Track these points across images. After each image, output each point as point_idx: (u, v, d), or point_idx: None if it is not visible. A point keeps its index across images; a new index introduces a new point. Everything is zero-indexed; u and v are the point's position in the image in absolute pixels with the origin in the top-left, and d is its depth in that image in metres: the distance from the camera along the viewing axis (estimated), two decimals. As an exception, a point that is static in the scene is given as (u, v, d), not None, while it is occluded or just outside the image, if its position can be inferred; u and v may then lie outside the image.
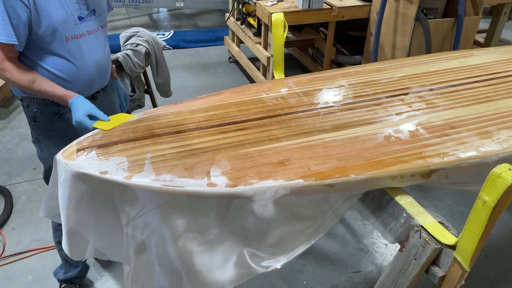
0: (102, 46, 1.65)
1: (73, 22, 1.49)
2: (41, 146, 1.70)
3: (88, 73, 1.59)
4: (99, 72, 1.65)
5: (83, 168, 1.19)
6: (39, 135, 1.68)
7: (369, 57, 3.25)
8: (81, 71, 1.57)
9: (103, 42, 1.66)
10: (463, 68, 1.96)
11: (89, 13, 1.55)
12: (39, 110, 1.60)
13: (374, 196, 1.34)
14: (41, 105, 1.58)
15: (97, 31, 1.61)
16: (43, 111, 1.60)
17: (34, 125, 1.65)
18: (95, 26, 1.59)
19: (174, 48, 4.85)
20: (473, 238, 1.05)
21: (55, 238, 1.91)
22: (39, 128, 1.65)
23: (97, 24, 1.61)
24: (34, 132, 1.70)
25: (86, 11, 1.54)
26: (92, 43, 1.59)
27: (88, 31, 1.56)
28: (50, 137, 1.67)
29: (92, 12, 1.56)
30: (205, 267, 1.22)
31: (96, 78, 1.65)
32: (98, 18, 1.60)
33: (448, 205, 2.61)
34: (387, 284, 1.30)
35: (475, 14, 2.90)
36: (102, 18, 1.64)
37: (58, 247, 1.92)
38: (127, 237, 1.22)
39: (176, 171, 1.20)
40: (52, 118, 1.62)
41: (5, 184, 2.67)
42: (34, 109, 1.60)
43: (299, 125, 1.46)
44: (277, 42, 1.94)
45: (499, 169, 0.97)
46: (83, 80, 1.59)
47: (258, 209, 1.17)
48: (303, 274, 2.14)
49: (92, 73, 1.61)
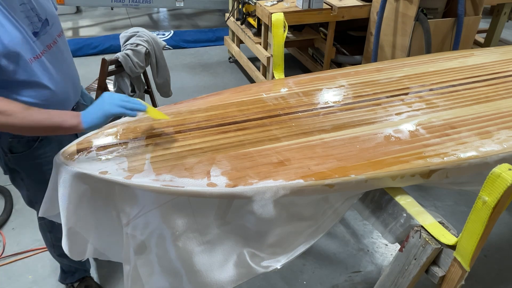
0: (65, 57, 1.48)
1: (30, 40, 1.30)
2: (21, 175, 1.52)
3: (62, 90, 1.43)
4: (71, 85, 1.50)
5: (83, 168, 1.19)
6: (17, 165, 1.48)
7: (369, 57, 3.25)
8: (55, 91, 1.40)
9: (65, 51, 1.49)
10: (463, 68, 1.96)
11: (42, 24, 1.35)
12: (15, 140, 1.40)
13: (374, 196, 1.34)
14: (16, 134, 1.37)
15: (56, 42, 1.43)
16: (20, 139, 1.41)
17: (11, 157, 1.44)
18: (52, 38, 1.41)
19: (174, 48, 4.85)
20: (473, 238, 1.05)
21: (55, 252, 1.85)
22: (16, 159, 1.45)
23: (54, 34, 1.42)
24: (9, 164, 1.48)
25: (39, 23, 1.34)
26: (56, 58, 1.41)
27: (48, 45, 1.38)
28: (32, 167, 1.48)
29: (45, 23, 1.37)
30: (205, 267, 1.22)
31: (71, 93, 1.49)
32: (53, 28, 1.41)
33: (448, 205, 2.61)
34: (387, 284, 1.30)
35: (475, 14, 2.89)
36: (57, 25, 1.44)
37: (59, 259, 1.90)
38: (127, 237, 1.22)
39: (176, 171, 1.20)
40: (31, 146, 1.43)
41: (5, 184, 2.67)
42: (9, 139, 1.39)
43: (299, 125, 1.46)
44: (277, 42, 1.94)
45: (499, 169, 0.97)
46: (60, 100, 1.42)
47: (258, 209, 1.17)
48: (303, 274, 2.14)
49: (66, 88, 1.46)
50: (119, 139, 1.34)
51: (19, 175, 1.52)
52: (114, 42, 4.64)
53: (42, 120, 1.19)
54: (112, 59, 2.43)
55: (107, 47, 4.61)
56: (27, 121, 1.17)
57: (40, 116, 1.19)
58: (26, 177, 1.52)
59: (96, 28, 5.35)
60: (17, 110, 1.17)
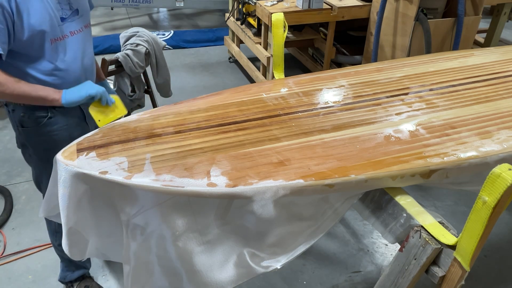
0: (86, 46, 1.60)
1: (56, 23, 1.44)
2: (29, 151, 1.66)
3: (74, 75, 1.55)
4: (84, 73, 1.60)
5: (83, 168, 1.19)
6: (27, 140, 1.62)
7: (369, 57, 3.25)
8: (67, 73, 1.52)
9: (87, 42, 1.61)
10: (463, 68, 1.96)
11: (71, 13, 1.50)
12: (26, 115, 1.54)
13: (374, 196, 1.34)
14: (28, 110, 1.52)
15: (81, 31, 1.56)
16: (30, 115, 1.54)
17: (21, 131, 1.59)
18: (78, 27, 1.54)
19: (174, 48, 4.85)
20: (473, 238, 1.05)
21: (56, 241, 1.88)
22: (26, 133, 1.59)
23: (81, 24, 1.55)
24: (20, 138, 1.63)
25: (69, 11, 1.49)
26: (76, 44, 1.54)
27: (71, 31, 1.51)
28: (38, 143, 1.61)
29: (75, 12, 1.51)
30: (205, 267, 1.22)
31: (82, 80, 1.59)
32: (81, 18, 1.55)
33: (448, 205, 2.61)
34: (387, 284, 1.30)
35: (475, 14, 2.90)
36: (85, 18, 1.58)
37: (60, 251, 1.90)
38: (127, 237, 1.22)
39: (176, 171, 1.20)
40: (40, 122, 1.56)
41: (5, 184, 2.67)
42: (21, 113, 1.54)
43: (299, 125, 1.46)
44: (277, 42, 1.94)
45: (499, 169, 0.97)
46: (69, 82, 1.53)
47: (258, 209, 1.17)
48: (303, 274, 2.14)
49: (78, 74, 1.56)
50: (119, 139, 1.34)
51: (28, 150, 1.66)
52: (114, 42, 4.64)
53: (30, 92, 1.40)
54: (112, 59, 2.43)
55: (107, 47, 4.61)
56: (16, 92, 1.38)
57: (28, 89, 1.40)
58: (34, 153, 1.65)
59: (96, 28, 5.35)
60: (9, 81, 1.37)
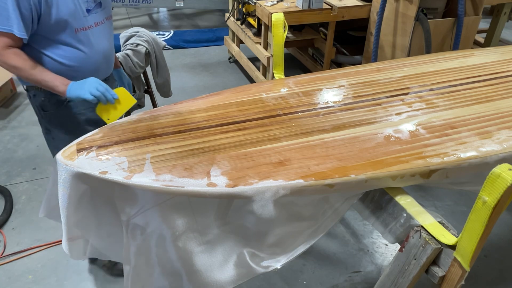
0: (108, 37, 1.73)
1: (82, 14, 1.57)
2: (52, 134, 1.76)
3: (95, 61, 1.66)
4: (105, 61, 1.72)
5: (83, 168, 1.19)
6: (49, 124, 1.73)
7: (369, 57, 3.25)
8: (89, 59, 1.64)
9: (109, 33, 1.74)
10: (463, 68, 1.96)
11: (95, 5, 1.62)
12: (46, 99, 1.65)
13: (374, 196, 1.34)
14: (48, 94, 1.62)
15: (103, 22, 1.68)
16: (50, 99, 1.65)
17: (43, 114, 1.70)
18: (101, 18, 1.67)
19: (174, 48, 4.85)
20: (473, 238, 1.05)
21: None
22: (48, 117, 1.70)
23: (103, 16, 1.68)
24: (43, 122, 1.74)
25: (93, 3, 1.61)
26: (99, 34, 1.67)
27: (96, 22, 1.64)
28: (59, 125, 1.72)
29: (98, 5, 1.64)
30: (205, 267, 1.22)
31: (102, 67, 1.72)
32: (104, 11, 1.68)
33: (448, 205, 2.60)
34: (387, 284, 1.30)
35: (475, 14, 2.90)
36: (108, 10, 1.71)
37: None
38: (127, 237, 1.23)
39: (176, 171, 1.20)
40: (59, 106, 1.67)
41: (5, 184, 2.67)
42: (41, 98, 1.65)
43: (299, 125, 1.46)
44: (277, 42, 1.94)
45: (499, 169, 0.97)
46: (89, 68, 1.65)
47: (258, 209, 1.17)
48: (303, 274, 2.14)
49: (99, 62, 1.68)
50: (119, 139, 1.34)
51: (51, 133, 1.77)
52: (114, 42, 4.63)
53: (41, 80, 1.51)
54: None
55: (107, 47, 4.61)
56: (31, 77, 1.50)
57: (40, 76, 1.51)
58: (56, 136, 1.76)
59: (96, 28, 5.35)
60: (26, 67, 1.48)
